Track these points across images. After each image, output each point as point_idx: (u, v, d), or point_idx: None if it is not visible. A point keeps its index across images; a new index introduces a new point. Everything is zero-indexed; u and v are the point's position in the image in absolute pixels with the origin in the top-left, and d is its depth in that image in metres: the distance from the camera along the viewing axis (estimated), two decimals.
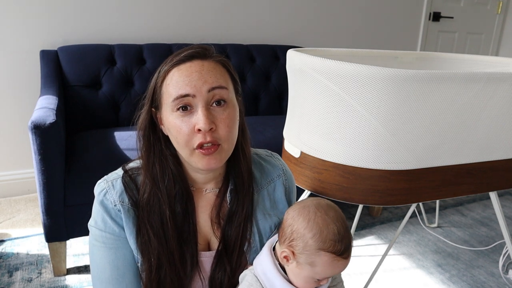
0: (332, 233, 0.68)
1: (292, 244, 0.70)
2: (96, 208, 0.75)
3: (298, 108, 1.11)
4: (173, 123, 0.69)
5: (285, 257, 0.72)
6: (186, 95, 0.67)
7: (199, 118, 0.67)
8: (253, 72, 2.37)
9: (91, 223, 0.75)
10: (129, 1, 2.23)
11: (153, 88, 0.72)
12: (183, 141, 0.68)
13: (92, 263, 0.76)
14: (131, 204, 0.73)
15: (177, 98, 0.67)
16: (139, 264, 0.75)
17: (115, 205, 0.73)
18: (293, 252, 0.70)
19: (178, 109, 0.68)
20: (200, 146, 0.68)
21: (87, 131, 1.86)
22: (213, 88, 0.68)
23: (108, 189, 0.74)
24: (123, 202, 0.73)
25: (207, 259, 0.77)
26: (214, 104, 0.68)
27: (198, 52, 0.70)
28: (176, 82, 0.67)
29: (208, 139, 0.67)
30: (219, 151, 0.69)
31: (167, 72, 0.69)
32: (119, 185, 0.74)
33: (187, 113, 0.68)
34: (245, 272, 0.75)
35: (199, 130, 0.67)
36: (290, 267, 0.72)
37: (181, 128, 0.68)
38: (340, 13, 2.95)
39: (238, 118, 0.73)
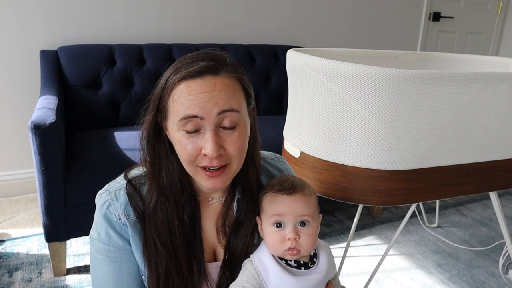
0: (273, 181, 0.75)
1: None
2: (99, 220, 0.71)
3: (298, 108, 1.11)
4: (178, 141, 0.65)
5: (259, 226, 0.75)
6: (194, 116, 0.63)
7: (206, 143, 0.63)
8: (253, 72, 2.37)
9: (93, 236, 0.72)
10: (129, 1, 2.23)
11: (159, 97, 0.67)
12: (187, 159, 0.66)
13: (94, 276, 0.73)
14: (136, 217, 0.71)
15: (184, 118, 0.63)
16: (144, 276, 0.73)
17: (119, 219, 0.70)
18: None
19: (185, 129, 0.64)
20: (205, 168, 0.65)
21: (87, 131, 1.86)
22: (224, 111, 0.63)
23: (111, 201, 0.71)
24: (128, 215, 0.70)
25: (214, 270, 0.76)
26: (224, 126, 0.65)
27: (210, 67, 0.64)
28: (185, 100, 0.63)
29: (215, 163, 0.64)
30: (226, 172, 0.67)
31: (175, 84, 0.64)
32: (122, 196, 0.71)
33: (194, 134, 0.64)
34: (245, 260, 0.75)
35: (206, 155, 0.64)
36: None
37: (186, 148, 0.65)
38: (340, 13, 2.95)
39: (248, 133, 0.70)
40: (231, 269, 0.74)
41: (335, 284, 0.80)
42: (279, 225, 0.70)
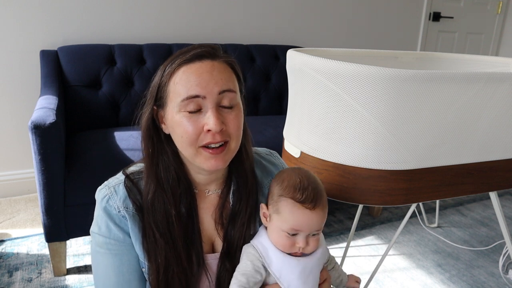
0: (293, 182, 0.73)
1: (268, 200, 0.76)
2: (99, 214, 0.73)
3: (298, 108, 1.11)
4: (179, 122, 0.67)
5: (263, 214, 0.75)
6: (197, 96, 0.66)
7: (209, 119, 0.66)
8: (253, 72, 2.37)
9: (94, 230, 0.74)
10: (129, 1, 2.23)
11: (157, 86, 0.70)
12: (189, 140, 0.67)
13: (96, 270, 0.75)
14: (135, 209, 0.72)
15: (187, 98, 0.66)
16: (144, 269, 0.74)
17: (119, 211, 0.72)
18: (267, 206, 0.75)
19: (186, 109, 0.67)
20: (207, 146, 0.68)
21: (87, 131, 1.86)
22: (224, 91, 0.67)
23: (111, 195, 0.73)
24: (127, 208, 0.72)
25: (213, 261, 0.77)
26: (223, 106, 0.68)
27: (208, 52, 0.69)
28: (186, 81, 0.66)
29: (218, 139, 0.67)
30: (226, 151, 0.69)
31: (175, 70, 0.68)
32: (121, 190, 0.73)
33: (195, 114, 0.67)
34: (245, 245, 0.77)
35: (209, 130, 0.66)
36: (268, 225, 0.75)
37: (188, 128, 0.67)
38: (340, 13, 2.95)
39: (243, 117, 0.73)
40: (230, 260, 0.76)
41: (337, 275, 0.85)
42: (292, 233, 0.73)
